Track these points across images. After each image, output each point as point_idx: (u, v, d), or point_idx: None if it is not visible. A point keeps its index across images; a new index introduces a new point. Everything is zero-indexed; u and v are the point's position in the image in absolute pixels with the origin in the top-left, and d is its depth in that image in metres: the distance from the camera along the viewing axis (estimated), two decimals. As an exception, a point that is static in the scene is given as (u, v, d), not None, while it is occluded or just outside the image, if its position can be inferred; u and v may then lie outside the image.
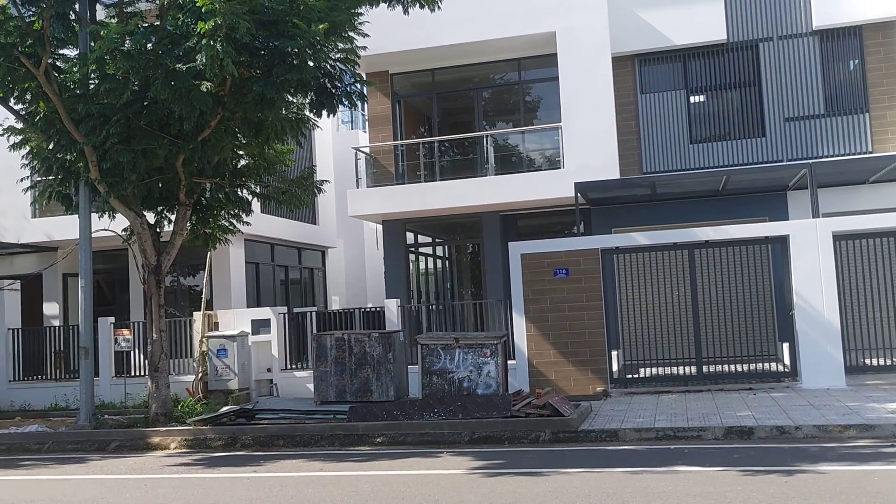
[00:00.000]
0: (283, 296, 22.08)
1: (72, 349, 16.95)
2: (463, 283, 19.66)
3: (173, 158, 12.50)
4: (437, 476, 8.86)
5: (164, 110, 11.70)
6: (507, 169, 18.16)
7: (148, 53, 11.37)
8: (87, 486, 9.36)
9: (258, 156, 13.96)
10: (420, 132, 20.10)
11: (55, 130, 12.58)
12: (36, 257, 19.64)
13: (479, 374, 12.06)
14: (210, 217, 14.42)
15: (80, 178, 13.08)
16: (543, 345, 14.09)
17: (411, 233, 19.07)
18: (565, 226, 18.13)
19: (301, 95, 12.42)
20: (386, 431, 11.37)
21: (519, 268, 14.34)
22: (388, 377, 12.65)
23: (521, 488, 7.90)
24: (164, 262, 13.51)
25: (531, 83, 18.76)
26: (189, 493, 8.54)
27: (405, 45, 17.59)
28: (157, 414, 13.04)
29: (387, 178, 18.63)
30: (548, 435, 10.74)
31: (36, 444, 12.44)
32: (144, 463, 10.86)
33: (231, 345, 15.19)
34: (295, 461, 10.29)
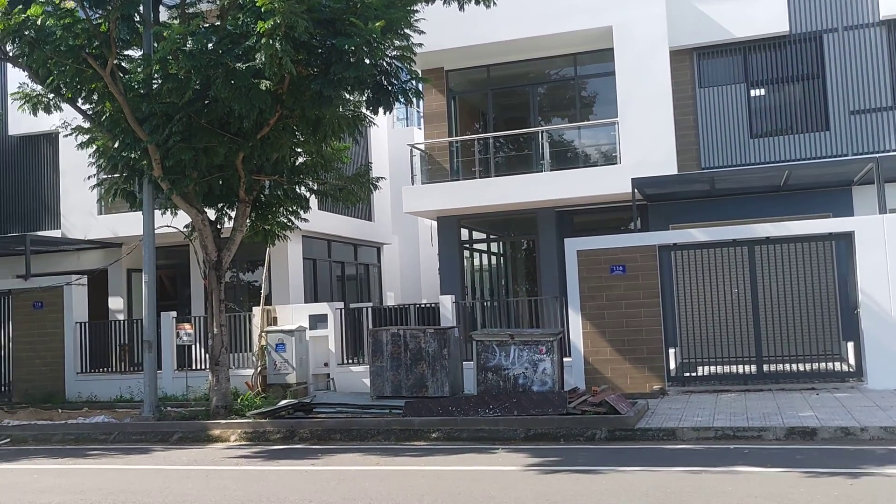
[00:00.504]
0: (340, 291, 22.32)
1: (136, 343, 17.40)
2: (517, 279, 19.62)
3: (233, 156, 12.73)
4: (492, 472, 8.87)
5: (225, 109, 11.90)
6: (562, 165, 18.06)
7: (209, 53, 11.57)
8: (151, 477, 9.61)
9: (316, 153, 14.11)
10: (475, 128, 20.11)
11: (120, 129, 12.89)
12: (102, 253, 20.20)
13: (535, 370, 12.03)
14: (269, 214, 14.63)
15: (143, 176, 13.41)
16: (599, 342, 13.98)
17: (466, 229, 19.10)
18: (621, 222, 17.95)
19: (358, 93, 12.51)
20: (441, 427, 11.42)
21: (575, 264, 14.25)
22: (443, 373, 12.70)
23: (577, 486, 7.86)
24: (224, 257, 13.77)
25: (587, 78, 18.61)
26: (249, 486, 8.70)
27: (461, 42, 17.61)
28: (217, 407, 13.30)
29: (442, 175, 18.68)
30: (604, 433, 10.67)
31: (103, 435, 12.81)
32: (206, 455, 11.10)
33: (289, 339, 15.41)
34: (351, 455, 10.40)
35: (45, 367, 17.27)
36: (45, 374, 17.25)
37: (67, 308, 17.28)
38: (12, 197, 21.07)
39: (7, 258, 20.53)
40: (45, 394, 16.87)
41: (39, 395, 16.83)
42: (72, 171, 19.50)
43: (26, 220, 20.87)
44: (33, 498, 8.50)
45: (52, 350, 17.27)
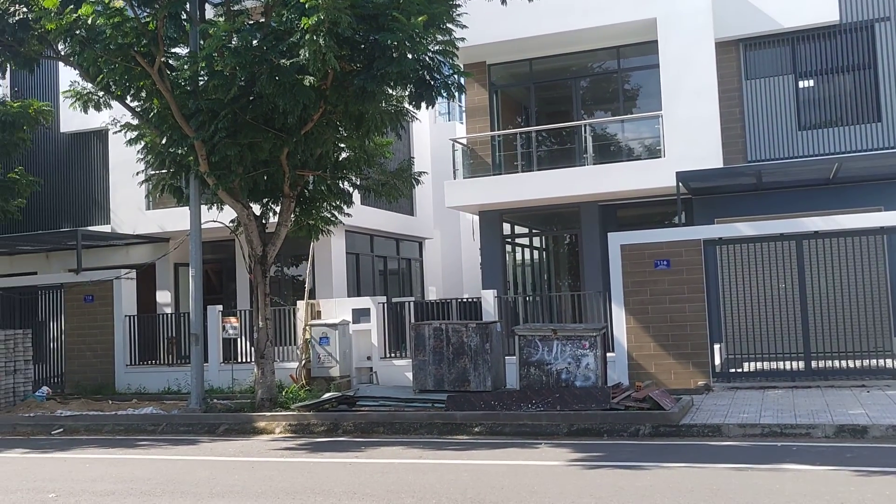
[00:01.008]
0: (382, 286, 22.45)
1: (183, 336, 17.70)
2: (560, 274, 19.53)
3: (278, 152, 12.86)
4: (535, 467, 8.87)
5: (269, 105, 12.03)
6: (605, 158, 17.93)
7: (253, 50, 11.69)
8: (198, 467, 9.78)
9: (359, 148, 14.21)
10: (517, 122, 20.05)
11: (167, 126, 13.11)
12: (150, 248, 20.57)
13: (578, 365, 11.98)
14: (313, 209, 14.78)
15: (190, 172, 13.62)
16: (643, 337, 13.87)
17: (508, 223, 19.07)
18: (666, 216, 17.77)
19: (400, 88, 12.57)
20: (484, 421, 11.43)
21: (618, 259, 14.14)
22: (485, 367, 12.71)
23: (621, 481, 7.82)
24: (269, 252, 13.94)
25: (630, 71, 18.44)
26: (294, 477, 8.81)
27: (503, 36, 17.56)
28: (262, 399, 13.48)
29: (484, 169, 18.67)
30: (648, 428, 10.59)
31: (151, 426, 13.07)
32: (251, 446, 11.26)
33: (333, 333, 15.54)
34: (394, 448, 10.47)
35: (96, 359, 17.68)
36: (95, 365, 17.65)
37: (117, 301, 17.64)
38: (64, 193, 21.56)
39: (59, 252, 21.03)
40: (96, 385, 17.26)
41: (90, 387, 17.23)
42: (121, 168, 19.90)
43: (77, 215, 21.34)
44: (86, 486, 8.71)
45: (102, 342, 17.66)
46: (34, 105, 17.94)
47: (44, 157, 21.46)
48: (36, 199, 20.56)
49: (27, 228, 20.78)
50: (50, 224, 21.28)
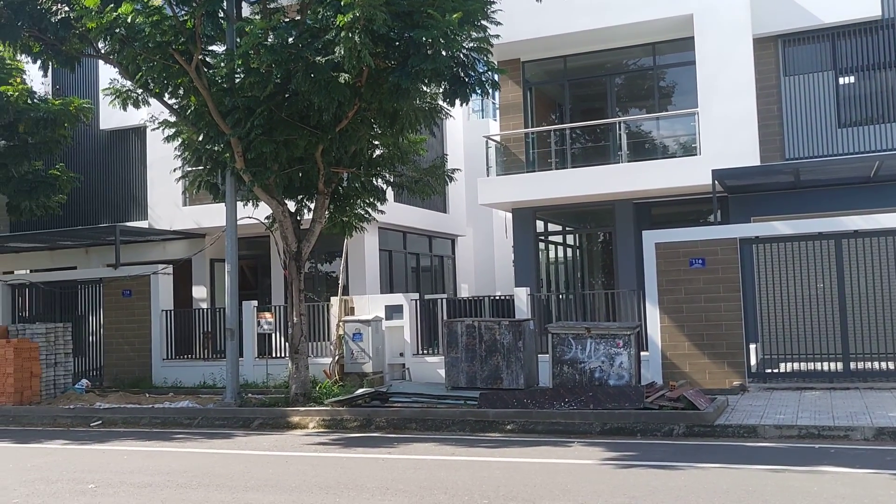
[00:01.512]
0: (415, 282, 22.51)
1: (218, 330, 17.91)
2: (593, 272, 19.43)
3: (312, 149, 12.95)
4: (568, 465, 8.84)
5: (304, 102, 12.13)
6: (640, 156, 17.80)
7: (289, 47, 11.80)
8: (233, 461, 9.90)
9: (392, 145, 14.25)
10: (551, 119, 19.97)
11: (204, 123, 13.26)
12: (186, 243, 20.83)
13: (611, 364, 11.91)
14: (347, 206, 14.85)
15: (226, 168, 13.77)
16: (678, 336, 13.76)
17: (541, 221, 19.01)
18: (701, 214, 17.60)
19: (435, 85, 12.59)
20: (516, 419, 11.41)
21: (653, 257, 14.04)
22: (518, 365, 12.69)
23: (655, 481, 7.76)
24: (304, 248, 14.05)
25: (666, 68, 18.27)
26: (327, 472, 8.88)
27: (538, 33, 17.50)
28: (296, 394, 13.59)
29: (517, 166, 18.63)
30: (682, 428, 10.50)
31: (187, 419, 13.24)
32: (285, 441, 11.36)
33: (366, 329, 15.62)
34: (427, 444, 10.50)
35: (134, 353, 17.94)
36: (133, 359, 17.92)
37: (154, 296, 17.89)
38: (103, 189, 21.91)
39: (98, 248, 21.37)
40: (134, 378, 17.53)
41: (128, 380, 17.51)
42: (158, 164, 20.16)
43: (116, 211, 21.67)
44: (124, 478, 8.86)
45: (139, 336, 17.93)
46: (75, 102, 18.27)
47: (84, 153, 21.82)
48: (76, 195, 20.92)
49: (67, 224, 21.15)
50: (89, 220, 21.64)
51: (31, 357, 15.34)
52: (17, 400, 14.93)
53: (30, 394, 15.21)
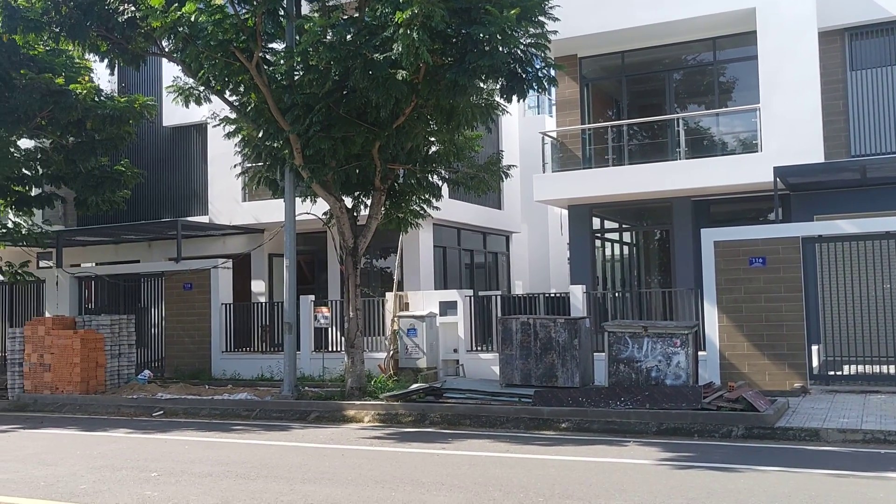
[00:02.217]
0: (468, 279, 22.53)
1: (276, 324, 18.19)
2: (650, 270, 19.20)
3: (370, 145, 13.06)
4: (624, 465, 8.77)
5: (362, 99, 12.22)
6: (698, 153, 17.52)
7: (348, 44, 11.91)
8: (290, 453, 10.05)
9: (448, 142, 14.28)
10: (608, 116, 19.78)
11: (264, 120, 13.46)
12: (245, 238, 21.18)
13: (668, 364, 11.77)
14: (402, 202, 14.95)
15: (285, 165, 13.95)
16: (736, 336, 13.52)
17: (597, 218, 18.85)
18: (761, 212, 17.25)
19: (492, 81, 12.58)
20: (571, 417, 11.36)
21: (712, 255, 13.82)
22: (573, 363, 12.62)
23: (713, 483, 7.65)
24: (360, 244, 14.18)
25: (726, 63, 17.93)
26: (383, 466, 8.96)
27: (596, 28, 17.34)
28: (352, 388, 13.74)
29: (573, 163, 18.50)
30: (741, 430, 10.33)
31: (245, 411, 13.48)
32: (341, 434, 11.49)
33: (420, 325, 15.70)
34: (481, 441, 10.51)
35: (194, 345, 18.34)
36: (193, 351, 18.32)
37: (214, 290, 18.24)
38: (165, 184, 22.41)
39: (161, 242, 21.89)
40: (194, 370, 17.92)
41: (188, 371, 17.90)
42: (219, 160, 20.54)
43: (177, 206, 22.14)
44: (185, 467, 9.07)
45: (199, 329, 18.31)
46: (140, 100, 18.68)
47: (147, 150, 22.34)
48: (140, 191, 21.41)
49: (131, 218, 21.68)
50: (152, 214, 22.15)
51: (97, 348, 15.80)
52: (84, 389, 15.39)
53: (95, 383, 15.66)
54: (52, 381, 15.57)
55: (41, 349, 15.72)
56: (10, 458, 9.93)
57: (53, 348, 15.60)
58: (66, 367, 15.46)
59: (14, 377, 16.02)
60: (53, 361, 15.57)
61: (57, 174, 19.37)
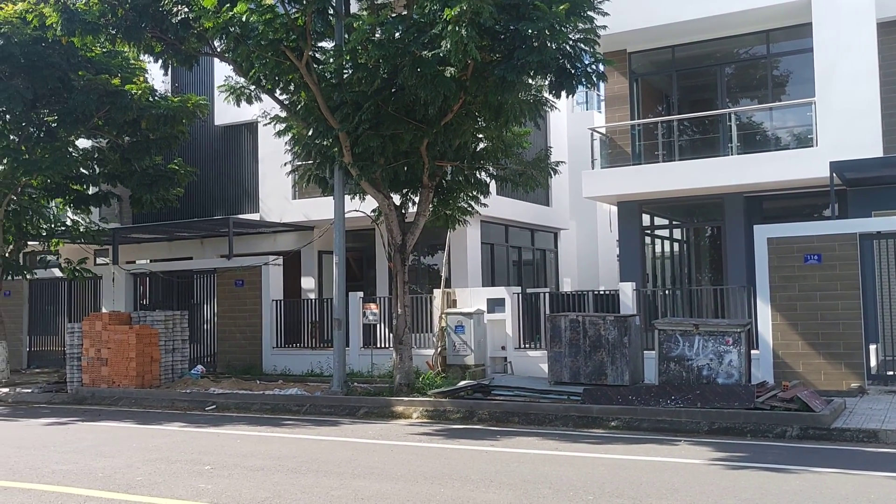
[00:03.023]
0: (516, 276, 22.46)
1: (325, 320, 18.36)
2: (701, 267, 18.93)
3: (418, 143, 13.10)
4: (674, 464, 8.66)
5: (410, 96, 12.26)
6: (751, 148, 17.22)
7: (396, 42, 11.96)
8: (340, 448, 10.15)
9: (496, 138, 14.25)
10: (657, 111, 19.54)
11: (314, 118, 13.59)
12: (295, 235, 21.43)
13: (720, 362, 11.60)
14: (450, 199, 14.96)
15: (334, 163, 14.07)
16: (790, 335, 13.25)
17: (647, 214, 18.64)
18: (815, 209, 16.89)
19: (540, 77, 12.51)
20: (620, 416, 11.27)
21: (765, 252, 13.56)
22: (623, 361, 12.51)
23: (767, 484, 7.52)
24: (408, 241, 14.24)
25: (780, 56, 17.58)
26: (431, 462, 8.99)
27: (645, 23, 17.15)
28: (400, 384, 13.81)
29: (622, 159, 18.32)
30: (795, 430, 10.14)
31: (295, 406, 13.64)
32: (390, 430, 11.56)
33: (468, 322, 15.71)
34: (529, 438, 10.49)
35: (245, 341, 18.62)
36: (244, 347, 18.59)
37: (265, 286, 18.49)
38: (217, 182, 22.76)
39: (213, 239, 22.25)
40: (245, 366, 18.19)
41: (240, 367, 18.18)
42: (269, 158, 20.81)
43: (229, 203, 22.47)
44: (238, 461, 9.22)
45: (251, 325, 18.58)
46: (192, 100, 19.02)
47: (200, 148, 22.71)
48: (192, 189, 21.80)
49: (184, 216, 22.08)
50: (204, 212, 22.51)
51: (152, 343, 16.14)
52: (139, 383, 15.74)
53: (150, 378, 16.00)
54: (108, 375, 15.95)
55: (98, 344, 16.11)
56: (69, 450, 10.21)
57: (110, 343, 15.98)
58: (122, 361, 15.82)
59: (73, 371, 16.45)
60: (110, 356, 15.94)
61: (113, 173, 19.85)
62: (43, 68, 16.72)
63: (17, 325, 21.66)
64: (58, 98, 17.59)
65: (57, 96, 17.55)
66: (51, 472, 8.82)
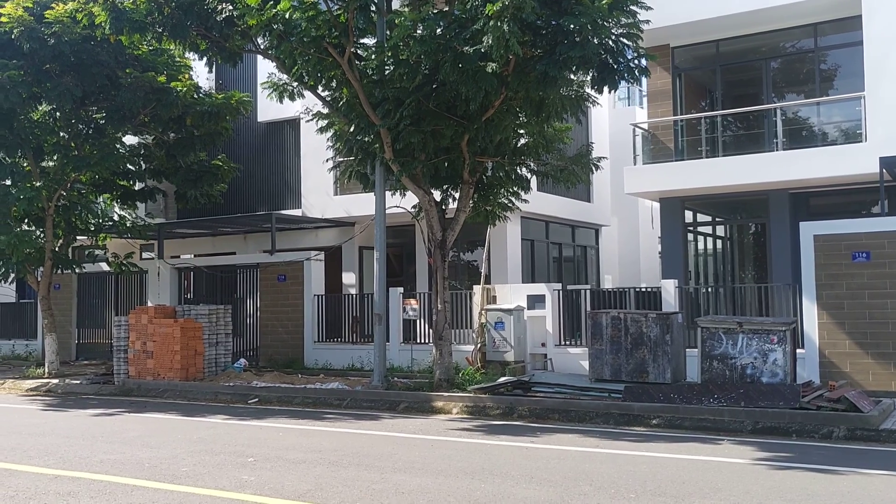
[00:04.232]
0: (556, 273, 22.36)
1: (366, 315, 18.47)
2: (744, 264, 18.66)
3: (459, 138, 13.10)
4: (718, 463, 8.57)
5: (452, 92, 12.27)
6: (797, 143, 16.91)
7: (438, 38, 11.94)
8: (381, 442, 10.21)
9: (538, 134, 14.20)
10: (701, 106, 19.29)
11: (355, 114, 13.68)
12: (336, 231, 21.58)
13: (764, 361, 11.43)
14: (491, 195, 14.94)
15: (376, 159, 14.15)
16: (837, 334, 13.01)
17: (690, 211, 18.43)
18: (864, 205, 16.54)
19: (582, 73, 12.43)
20: (662, 414, 11.17)
21: (811, 250, 13.32)
22: (664, 359, 12.39)
23: (813, 485, 7.40)
24: (448, 237, 14.26)
25: (828, 50, 17.23)
26: (471, 457, 9.00)
27: (689, 17, 16.93)
28: (440, 380, 13.84)
29: (665, 155, 18.13)
30: (842, 431, 9.96)
31: (336, 400, 13.75)
32: (430, 425, 11.60)
33: (508, 318, 15.68)
34: (570, 436, 10.45)
35: (287, 335, 18.81)
36: (286, 341, 18.79)
37: (307, 281, 18.66)
38: (260, 178, 23.01)
39: (256, 234, 22.51)
40: (287, 359, 18.39)
41: (282, 361, 18.38)
42: (311, 155, 20.99)
43: (272, 199, 22.70)
44: (280, 454, 9.33)
45: (292, 319, 18.77)
46: (236, 96, 19.26)
47: (243, 144, 22.96)
48: (236, 185, 22.07)
49: (228, 211, 22.35)
50: (248, 207, 22.77)
51: (196, 336, 16.39)
52: (183, 376, 16.00)
53: (194, 370, 16.26)
54: (154, 367, 16.24)
55: (144, 337, 16.41)
56: (117, 440, 10.42)
57: (155, 336, 16.26)
58: (167, 354, 16.10)
59: (119, 363, 16.78)
60: (155, 349, 16.23)
61: (158, 169, 20.20)
62: (92, 66, 17.06)
63: (66, 317, 22.15)
64: (106, 95, 17.93)
65: (105, 94, 17.89)
66: (99, 461, 9.02)
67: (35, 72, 16.72)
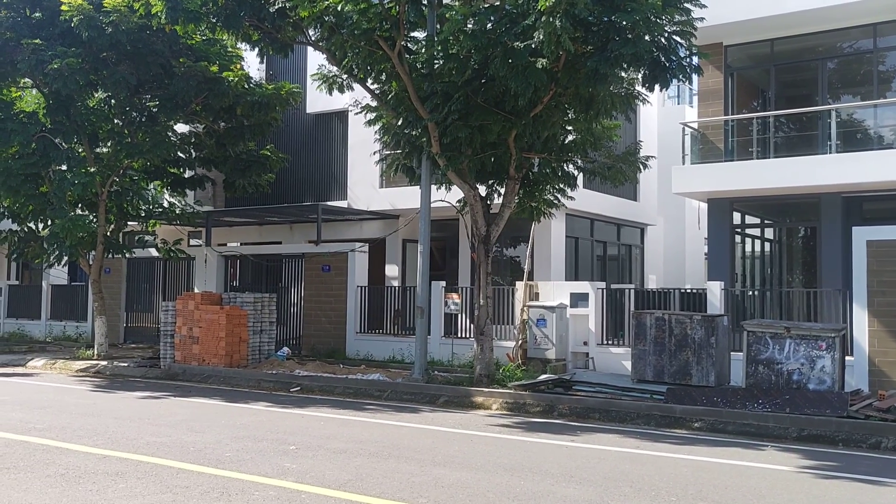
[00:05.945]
0: (600, 271, 22.20)
1: (408, 308, 18.55)
2: (793, 269, 18.33)
3: (506, 134, 13.07)
4: (761, 469, 8.45)
5: (500, 87, 12.24)
6: (851, 146, 16.54)
7: (488, 33, 11.94)
8: (420, 435, 10.26)
9: (586, 131, 14.10)
10: (752, 106, 18.96)
11: (404, 108, 13.72)
12: (381, 223, 21.69)
13: (812, 367, 11.24)
14: (536, 191, 14.89)
15: (422, 152, 14.18)
16: (889, 342, 12.70)
17: (738, 213, 18.14)
18: (921, 211, 16.11)
19: (633, 70, 12.31)
20: (705, 417, 11.04)
21: (863, 255, 13.03)
22: (709, 362, 12.25)
23: (860, 496, 7.26)
24: (492, 232, 14.24)
25: (887, 50, 16.80)
26: (511, 454, 9.00)
27: (744, 15, 16.64)
28: (480, 375, 13.85)
29: (714, 155, 17.86)
30: (891, 442, 9.75)
31: (377, 391, 13.85)
32: (469, 420, 11.62)
33: (550, 315, 15.62)
34: (610, 436, 10.39)
35: (330, 325, 18.97)
36: (329, 331, 18.95)
37: (351, 272, 18.79)
38: (307, 169, 23.23)
39: (301, 224, 22.73)
40: (329, 349, 18.55)
41: (324, 350, 18.55)
42: (358, 147, 21.12)
43: (318, 190, 22.90)
44: (321, 443, 9.43)
45: (335, 310, 18.92)
46: (286, 87, 19.45)
47: (291, 135, 23.21)
48: (283, 175, 22.30)
49: (275, 201, 22.62)
50: (294, 198, 23.00)
51: (241, 324, 16.62)
52: (228, 362, 16.24)
53: (238, 357, 16.49)
54: (199, 353, 16.52)
55: (190, 322, 16.68)
56: (163, 424, 10.63)
57: (201, 322, 16.53)
58: (213, 340, 16.35)
59: (166, 347, 17.09)
60: (201, 334, 16.49)
61: (208, 157, 20.50)
62: (147, 55, 17.38)
63: (115, 301, 22.64)
64: (159, 84, 18.25)
65: (158, 82, 18.21)
66: (146, 443, 9.21)
67: (92, 60, 17.08)
